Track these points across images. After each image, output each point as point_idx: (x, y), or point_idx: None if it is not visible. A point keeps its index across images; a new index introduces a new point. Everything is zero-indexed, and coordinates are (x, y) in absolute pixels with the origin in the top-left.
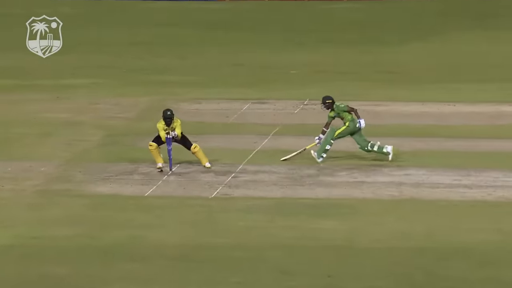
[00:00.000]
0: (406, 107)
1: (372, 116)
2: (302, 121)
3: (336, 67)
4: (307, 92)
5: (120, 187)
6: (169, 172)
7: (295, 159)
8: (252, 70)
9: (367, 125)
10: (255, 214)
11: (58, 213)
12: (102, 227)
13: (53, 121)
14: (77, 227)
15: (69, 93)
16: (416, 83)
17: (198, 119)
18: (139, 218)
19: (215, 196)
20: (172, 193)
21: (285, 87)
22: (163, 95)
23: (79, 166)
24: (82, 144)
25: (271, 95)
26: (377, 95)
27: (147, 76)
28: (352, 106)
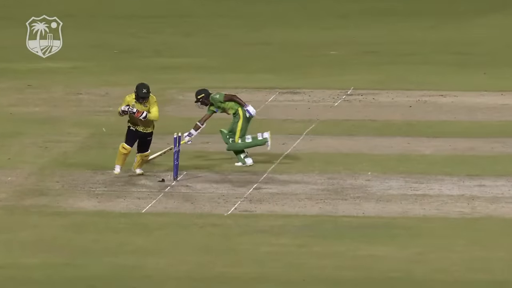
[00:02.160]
0: (480, 98)
1: (435, 109)
2: (345, 116)
3: (390, 47)
4: (351, 79)
5: (110, 202)
6: (173, 182)
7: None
8: (280, 50)
9: None
10: (284, 237)
11: (29, 236)
12: (86, 254)
13: (22, 116)
14: (54, 253)
15: (43, 80)
16: (494, 67)
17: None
18: (134, 242)
19: (232, 213)
20: (177, 209)
21: (323, 73)
22: (164, 83)
23: (57, 175)
24: (60, 146)
25: (304, 83)
26: (443, 82)
27: (143, 59)
28: (231, 93)
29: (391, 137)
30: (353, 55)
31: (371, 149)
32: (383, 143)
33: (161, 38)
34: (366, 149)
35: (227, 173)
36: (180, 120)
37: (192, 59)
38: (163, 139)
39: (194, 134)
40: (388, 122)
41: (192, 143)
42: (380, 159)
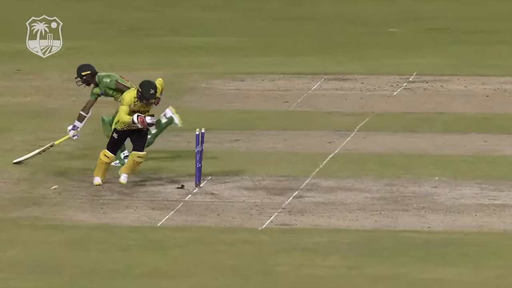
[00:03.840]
0: None
1: None
2: (406, 108)
3: (462, 23)
4: (414, 63)
5: (117, 214)
6: (195, 189)
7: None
8: (327, 27)
9: None
10: (331, 257)
11: (19, 255)
12: (89, 276)
13: (10, 109)
14: (49, 276)
15: (35, 64)
16: None
17: (239, 105)
18: (146, 262)
19: (267, 227)
20: (199, 222)
21: (379, 55)
22: (183, 67)
23: (52, 180)
24: (59, 145)
25: (356, 67)
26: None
27: (157, 38)
28: (125, 83)
29: (464, 133)
30: (417, 33)
31: (439, 148)
32: (454, 141)
33: (179, 13)
34: (433, 149)
35: (261, 178)
36: (203, 113)
37: (217, 39)
38: (181, 136)
39: (79, 126)
40: (460, 116)
41: (220, 141)
42: (449, 160)
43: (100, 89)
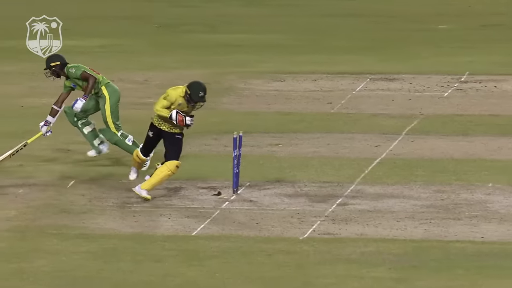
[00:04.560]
0: None
1: None
2: (458, 110)
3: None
4: (466, 62)
5: (150, 222)
6: (232, 196)
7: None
8: (373, 24)
9: None
10: (378, 268)
11: (46, 266)
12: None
13: (37, 110)
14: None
15: None
16: None
17: (280, 107)
18: (181, 273)
19: (309, 236)
20: (237, 231)
21: (429, 53)
22: (220, 66)
23: (81, 186)
24: (85, 149)
25: (404, 66)
26: None
27: (193, 34)
28: (92, 73)
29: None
30: (469, 30)
31: (493, 153)
32: (509, 144)
33: (217, 8)
34: (486, 153)
35: (303, 184)
36: (241, 115)
37: (256, 36)
38: (218, 139)
39: (52, 121)
40: None
41: (259, 145)
42: (504, 166)
43: (71, 81)
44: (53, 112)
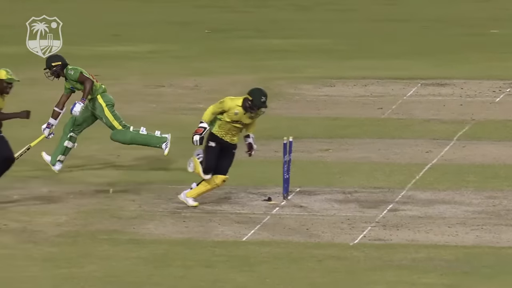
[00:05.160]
0: None
1: None
2: (510, 115)
3: None
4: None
5: (201, 227)
6: (283, 202)
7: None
8: (424, 29)
9: None
10: (429, 274)
11: (97, 271)
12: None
13: None
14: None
15: (113, 69)
16: None
17: (330, 112)
18: (232, 279)
19: (360, 242)
20: (287, 237)
21: (481, 58)
22: (270, 71)
23: (132, 191)
24: (135, 154)
25: (455, 71)
26: None
27: (244, 40)
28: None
29: None
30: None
31: None
32: None
33: (268, 13)
34: None
35: (353, 190)
36: (291, 120)
37: (306, 41)
38: (267, 145)
39: (54, 124)
40: None
41: (309, 151)
42: None
43: (69, 83)
44: (55, 114)
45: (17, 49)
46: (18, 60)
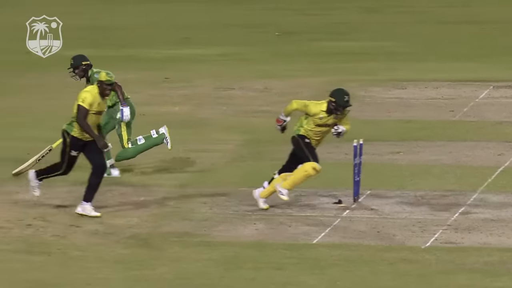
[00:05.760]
0: None
1: None
2: None
3: None
4: None
5: (271, 230)
6: (353, 204)
7: None
8: (496, 31)
9: None
10: (503, 278)
11: (168, 273)
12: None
13: (157, 118)
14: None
15: (183, 72)
16: None
17: (401, 115)
18: (302, 281)
19: (431, 245)
20: (358, 239)
21: None
22: (341, 74)
23: (203, 194)
24: (206, 156)
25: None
26: None
27: (314, 42)
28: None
29: None
30: None
31: None
32: None
33: (338, 15)
34: None
35: (424, 193)
36: (361, 123)
37: (378, 43)
38: (339, 147)
39: None
40: None
41: (379, 153)
42: None
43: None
44: None
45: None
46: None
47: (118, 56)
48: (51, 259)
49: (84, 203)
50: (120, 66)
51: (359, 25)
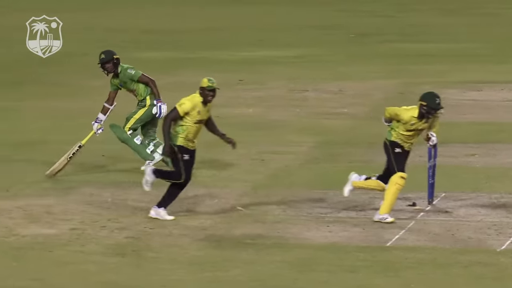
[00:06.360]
0: None
1: None
2: None
3: None
4: None
5: (344, 232)
6: (428, 207)
7: None
8: None
9: None
10: None
11: (242, 275)
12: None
13: (231, 120)
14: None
15: (257, 73)
16: None
17: (476, 117)
18: (376, 284)
19: (507, 248)
20: (432, 242)
21: None
22: (415, 76)
23: (276, 197)
24: (279, 159)
25: None
26: None
27: (388, 44)
28: (150, 77)
29: None
30: None
31: None
32: None
33: (412, 17)
34: None
35: (500, 195)
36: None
37: (452, 45)
38: (412, 150)
39: (103, 119)
40: None
41: (454, 155)
42: None
43: (120, 80)
44: (104, 109)
45: (161, 54)
46: (164, 65)
47: (192, 58)
48: (125, 260)
49: (157, 208)
50: (194, 68)
51: (432, 27)
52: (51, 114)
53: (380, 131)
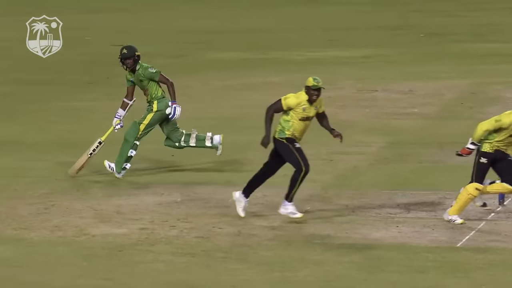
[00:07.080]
0: None
1: None
2: None
3: None
4: None
5: (414, 233)
6: (498, 207)
7: None
8: None
9: None
10: None
11: (310, 276)
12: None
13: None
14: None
15: (327, 74)
16: None
17: None
18: (446, 285)
19: None
20: (503, 243)
21: None
22: (486, 76)
23: (345, 197)
24: (348, 159)
25: None
26: None
27: (459, 44)
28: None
29: None
30: None
31: None
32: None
33: (485, 16)
34: None
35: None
36: None
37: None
38: None
39: (122, 114)
40: None
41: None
42: None
43: (136, 77)
44: (124, 105)
45: (229, 55)
46: (234, 65)
47: (262, 59)
48: (194, 260)
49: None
50: (264, 69)
51: (504, 26)
52: None
53: (451, 131)
